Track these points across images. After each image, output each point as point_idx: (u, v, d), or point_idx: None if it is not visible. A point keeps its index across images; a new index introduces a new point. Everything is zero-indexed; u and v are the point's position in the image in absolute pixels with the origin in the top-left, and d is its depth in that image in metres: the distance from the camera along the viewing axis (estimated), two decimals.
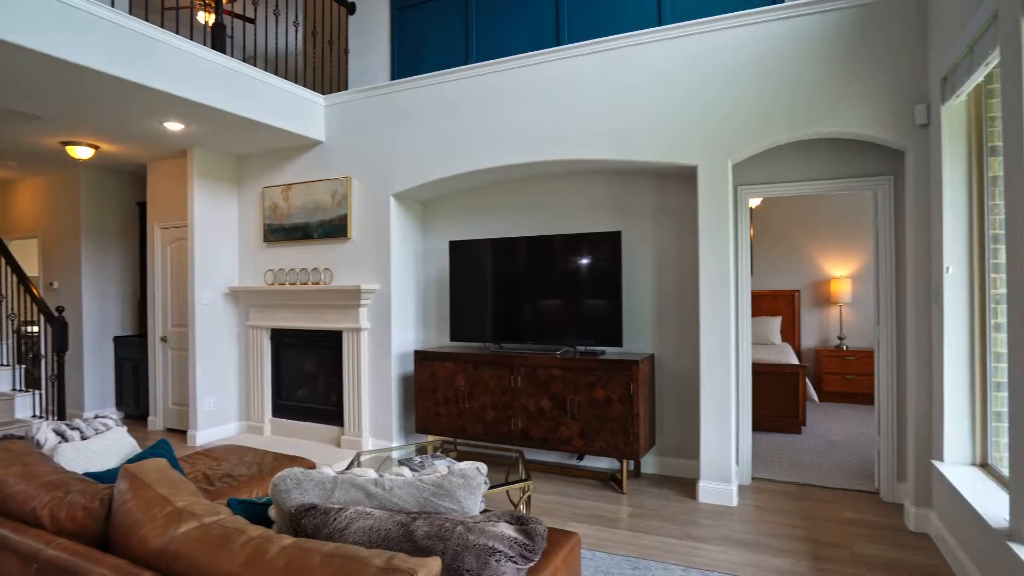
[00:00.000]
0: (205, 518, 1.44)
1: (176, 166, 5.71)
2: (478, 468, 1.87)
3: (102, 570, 1.32)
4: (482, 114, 4.43)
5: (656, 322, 4.34)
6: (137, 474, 1.58)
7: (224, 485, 2.84)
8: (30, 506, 1.61)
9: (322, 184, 5.09)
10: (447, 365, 4.52)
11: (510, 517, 1.67)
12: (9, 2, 3.05)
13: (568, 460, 4.58)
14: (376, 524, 1.54)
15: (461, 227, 5.07)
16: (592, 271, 4.23)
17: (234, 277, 5.64)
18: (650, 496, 3.89)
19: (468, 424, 4.46)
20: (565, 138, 4.14)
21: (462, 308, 4.73)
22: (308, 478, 1.69)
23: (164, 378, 5.81)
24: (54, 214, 6.46)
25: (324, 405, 5.27)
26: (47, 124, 4.64)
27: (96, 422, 2.50)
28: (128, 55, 3.60)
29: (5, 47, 3.09)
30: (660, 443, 4.34)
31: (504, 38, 5.08)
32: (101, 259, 6.36)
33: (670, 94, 3.85)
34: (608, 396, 3.97)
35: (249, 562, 1.29)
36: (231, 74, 4.27)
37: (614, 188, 4.49)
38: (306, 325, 5.19)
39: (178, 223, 5.68)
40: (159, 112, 4.25)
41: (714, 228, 3.74)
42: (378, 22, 5.65)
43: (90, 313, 6.24)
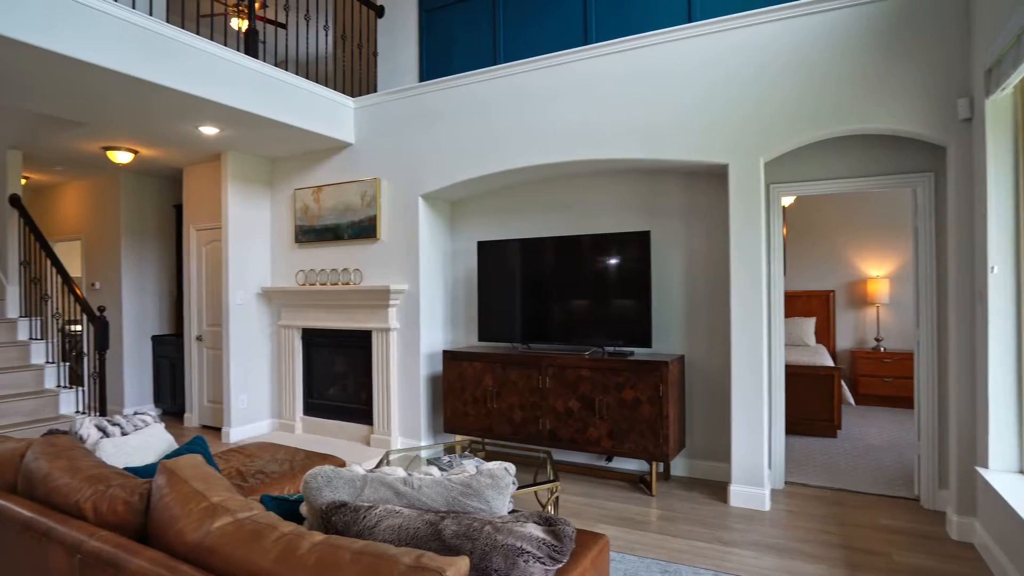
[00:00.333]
0: (239, 514, 1.47)
1: (211, 169, 5.85)
2: (506, 468, 1.87)
3: (141, 562, 1.35)
4: (510, 114, 4.43)
5: (686, 323, 4.29)
6: (174, 470, 1.62)
7: (257, 481, 2.90)
8: (74, 499, 1.66)
9: (352, 185, 5.15)
10: (475, 365, 4.54)
11: (538, 518, 1.67)
12: (54, 13, 3.16)
13: (596, 461, 4.56)
14: (405, 523, 1.55)
15: (489, 227, 5.09)
16: (621, 271, 4.19)
17: (266, 277, 5.75)
18: (680, 499, 3.84)
19: (496, 424, 4.46)
20: (594, 137, 4.12)
21: (490, 308, 4.74)
22: (338, 476, 1.71)
23: (199, 376, 5.95)
24: (96, 217, 6.67)
25: (354, 404, 5.34)
26: (89, 130, 4.79)
27: (135, 418, 2.57)
28: (166, 62, 3.70)
29: (51, 56, 3.21)
30: (690, 445, 4.28)
31: (532, 38, 5.08)
32: (140, 260, 6.54)
33: (700, 91, 3.80)
34: (637, 397, 3.93)
35: (281, 558, 1.31)
36: (263, 79, 4.36)
37: (643, 188, 4.45)
38: (336, 325, 5.26)
39: (213, 225, 5.81)
40: (195, 117, 4.35)
41: (745, 227, 3.68)
42: (406, 24, 5.69)
43: (129, 312, 6.43)
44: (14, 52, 3.15)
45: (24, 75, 3.48)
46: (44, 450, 1.92)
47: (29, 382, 5.02)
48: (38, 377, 5.08)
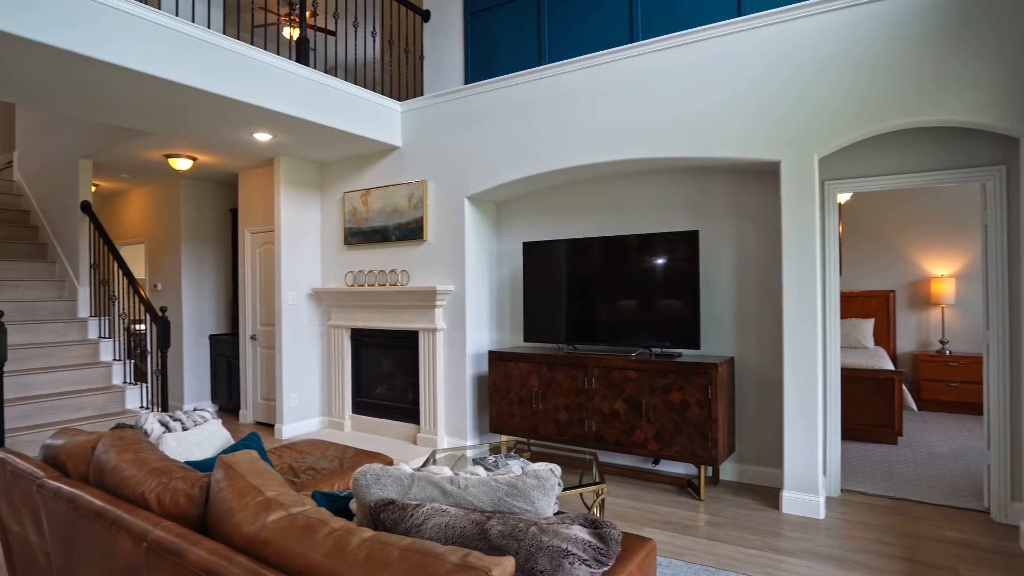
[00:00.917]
0: (292, 508, 1.51)
1: (264, 174, 6.05)
2: (552, 469, 1.87)
3: (201, 552, 1.41)
4: (555, 114, 4.42)
5: (736, 324, 4.19)
6: (231, 464, 1.68)
7: (308, 477, 2.98)
8: (140, 490, 1.74)
9: (399, 188, 5.24)
10: (521, 366, 4.55)
11: (584, 520, 1.66)
12: (121, 29, 3.33)
13: (643, 464, 4.50)
14: (452, 521, 1.56)
15: (535, 228, 5.09)
16: (668, 271, 4.13)
17: (317, 278, 5.90)
18: (729, 504, 3.75)
19: (541, 425, 4.46)
20: (640, 136, 4.07)
21: (536, 309, 4.74)
22: (387, 474, 1.74)
23: (254, 374, 6.16)
24: (158, 221, 6.99)
25: (401, 403, 5.42)
26: (153, 139, 5.03)
27: (195, 414, 2.68)
28: (223, 72, 3.85)
29: (118, 71, 3.38)
30: (740, 449, 4.18)
31: (577, 37, 5.05)
32: (199, 262, 6.82)
33: (750, 87, 3.70)
34: (685, 400, 3.86)
35: (332, 552, 1.34)
36: (314, 85, 4.48)
37: (690, 186, 4.37)
38: (384, 325, 5.36)
39: (266, 228, 6.01)
40: (250, 124, 4.51)
41: (799, 226, 3.56)
42: (451, 27, 5.75)
43: (189, 312, 6.71)
44: (86, 68, 3.33)
45: (94, 89, 3.68)
46: (113, 443, 2.02)
47: (98, 378, 5.30)
48: (106, 374, 5.35)
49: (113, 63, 3.31)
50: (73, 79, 3.52)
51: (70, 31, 3.14)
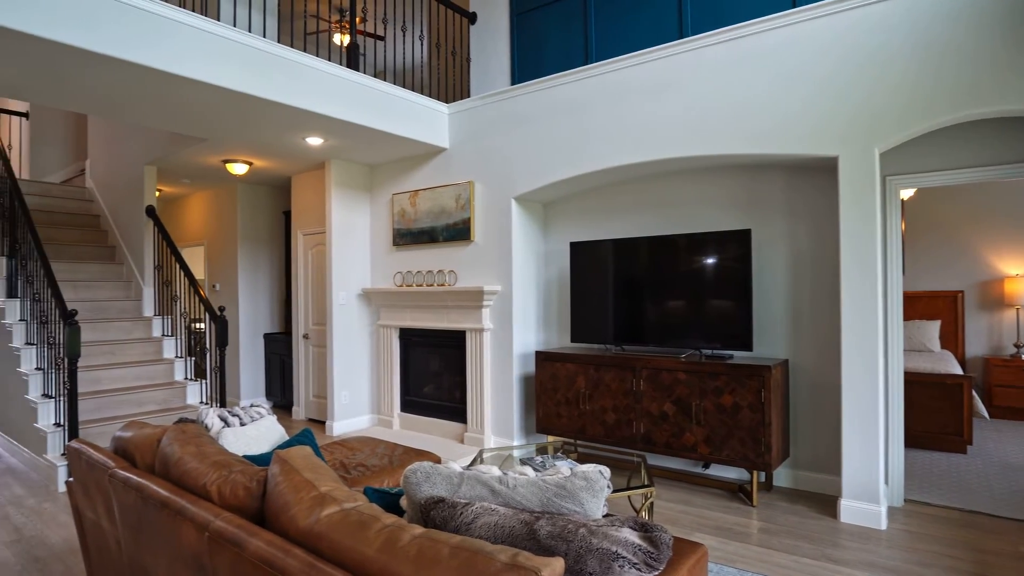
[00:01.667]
0: (345, 504, 1.54)
1: (316, 177, 6.21)
2: (601, 471, 1.85)
3: (260, 543, 1.45)
4: (603, 114, 4.39)
5: (790, 325, 4.06)
6: (287, 459, 1.73)
7: (358, 474, 3.04)
8: (202, 481, 1.81)
9: (447, 189, 5.30)
10: (568, 366, 4.52)
11: (634, 523, 1.64)
12: (187, 44, 3.48)
13: (692, 468, 4.41)
14: (501, 521, 1.56)
15: (582, 228, 5.06)
16: (718, 271, 4.03)
17: (367, 279, 6.02)
18: (783, 511, 3.64)
19: (588, 426, 4.43)
20: (690, 134, 3.99)
21: (583, 309, 4.70)
22: (436, 472, 1.75)
23: (306, 372, 6.33)
24: (216, 224, 7.27)
25: (448, 402, 5.48)
26: (211, 145, 5.23)
27: (252, 410, 2.77)
28: (279, 79, 3.97)
29: (183, 82, 3.53)
30: (795, 455, 4.04)
31: (625, 35, 4.99)
32: (254, 263, 7.06)
33: (806, 80, 3.58)
34: (736, 403, 3.76)
35: (384, 548, 1.36)
36: (365, 90, 4.57)
37: (742, 184, 4.26)
38: (432, 325, 5.42)
39: (318, 229, 6.17)
40: (303, 128, 4.64)
41: (858, 223, 3.42)
42: (498, 29, 5.77)
43: (245, 312, 6.95)
44: (154, 80, 3.49)
45: (160, 99, 3.85)
46: (176, 436, 2.11)
47: (161, 374, 5.55)
48: (169, 370, 5.60)
49: (178, 74, 3.46)
50: (140, 91, 3.70)
51: (140, 47, 3.29)
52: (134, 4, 3.28)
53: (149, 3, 3.34)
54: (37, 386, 4.75)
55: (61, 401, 4.51)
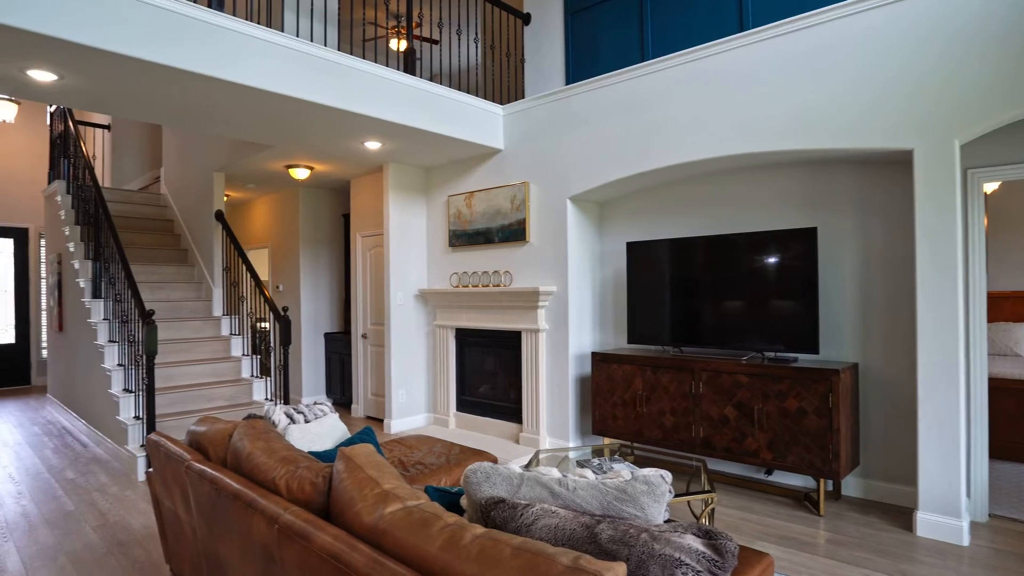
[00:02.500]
0: (408, 501, 1.57)
1: (374, 180, 6.36)
2: (662, 476, 1.81)
3: (326, 537, 1.49)
4: (660, 111, 4.31)
5: (860, 328, 3.87)
6: (351, 457, 1.77)
7: (417, 472, 3.08)
8: (271, 476, 1.88)
9: (502, 190, 5.32)
10: (624, 368, 4.46)
11: (697, 530, 1.60)
12: (253, 54, 3.62)
13: (754, 474, 4.27)
14: (561, 523, 1.55)
15: (638, 228, 4.98)
16: (782, 271, 3.89)
17: (423, 280, 6.12)
18: (853, 522, 3.48)
19: (645, 428, 4.35)
20: (752, 130, 3.87)
21: (640, 310, 4.63)
22: (496, 473, 1.76)
23: (365, 371, 6.49)
24: (280, 227, 7.55)
25: (503, 402, 5.50)
26: (275, 151, 5.43)
27: (315, 408, 2.86)
28: (339, 86, 4.08)
29: (249, 92, 3.68)
30: (865, 463, 3.86)
31: (681, 31, 4.89)
32: (315, 264, 7.29)
33: (878, 71, 3.41)
34: (802, 407, 3.62)
35: (446, 546, 1.38)
36: (421, 94, 4.64)
37: (806, 180, 4.09)
38: (487, 325, 5.45)
39: (375, 231, 6.31)
40: (362, 133, 4.75)
41: (935, 220, 3.23)
42: (552, 29, 5.76)
43: (307, 312, 7.18)
44: (222, 90, 3.65)
45: (226, 108, 4.02)
46: (247, 432, 2.19)
47: (229, 371, 5.79)
48: (236, 367, 5.84)
49: (245, 84, 3.61)
50: (211, 101, 3.88)
51: (211, 60, 3.45)
52: (207, 19, 3.44)
53: (219, 18, 3.50)
54: (119, 381, 5.05)
55: (140, 396, 4.77)
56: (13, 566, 3.02)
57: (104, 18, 3.08)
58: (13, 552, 3.19)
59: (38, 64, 3.27)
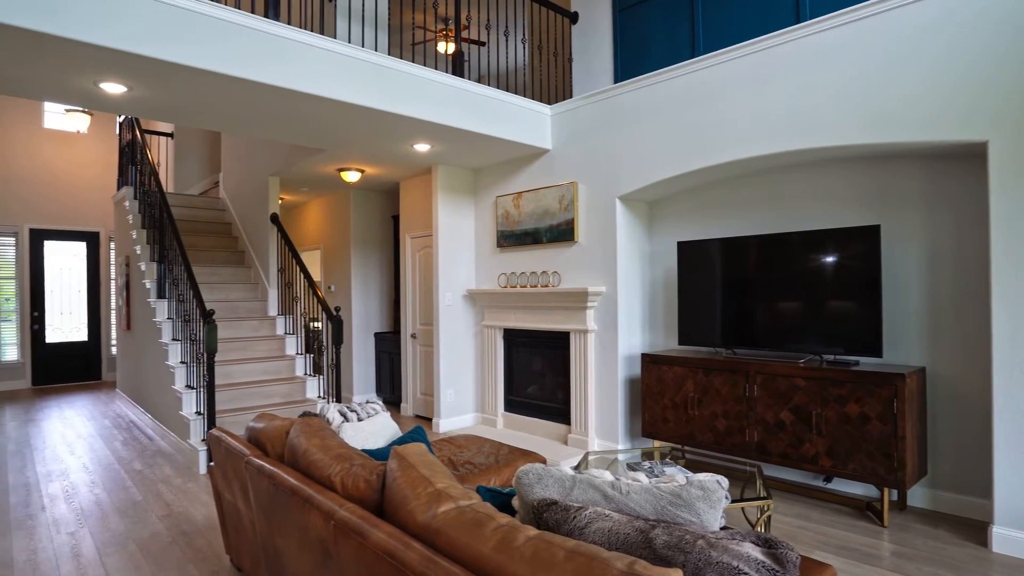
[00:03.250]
0: (460, 501, 1.57)
1: (422, 182, 6.44)
2: (719, 481, 1.76)
3: (381, 534, 1.51)
4: (712, 107, 4.21)
5: (927, 330, 3.69)
6: (404, 455, 1.79)
7: (466, 471, 3.10)
8: (326, 473, 1.92)
9: (550, 191, 5.30)
10: (675, 369, 4.38)
11: (756, 538, 1.55)
12: (306, 61, 3.72)
13: (812, 481, 4.12)
14: (615, 527, 1.53)
15: (689, 227, 4.88)
16: (842, 271, 3.74)
17: (471, 280, 6.16)
18: (920, 535, 3.31)
19: (697, 432, 4.26)
20: (809, 125, 3.73)
21: (691, 311, 4.54)
22: (548, 474, 1.75)
23: (414, 370, 6.58)
24: (331, 229, 7.73)
25: (551, 403, 5.48)
26: (328, 155, 5.56)
27: (368, 407, 2.91)
28: (390, 91, 4.15)
29: (302, 97, 3.77)
30: (933, 473, 3.67)
31: (734, 25, 4.77)
32: (365, 265, 7.44)
33: (945, 60, 3.24)
34: (864, 413, 3.47)
35: (499, 547, 1.37)
36: (469, 96, 4.67)
37: (867, 175, 3.92)
38: (535, 326, 5.45)
39: (424, 233, 6.39)
40: (411, 136, 4.82)
41: (1012, 215, 3.04)
42: (600, 27, 5.71)
43: (357, 312, 7.33)
44: (278, 97, 3.77)
45: (282, 114, 4.15)
46: (303, 429, 2.25)
47: (283, 370, 5.97)
48: (290, 366, 6.01)
49: (300, 91, 3.71)
50: (267, 108, 4.00)
51: (267, 67, 3.57)
52: (267, 30, 3.55)
53: (278, 28, 3.61)
54: (181, 378, 5.27)
55: (201, 392, 4.97)
56: (88, 551, 3.19)
57: (173, 33, 3.21)
58: (88, 538, 3.37)
59: (110, 77, 3.45)
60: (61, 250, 9.24)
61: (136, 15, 3.11)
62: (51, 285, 9.14)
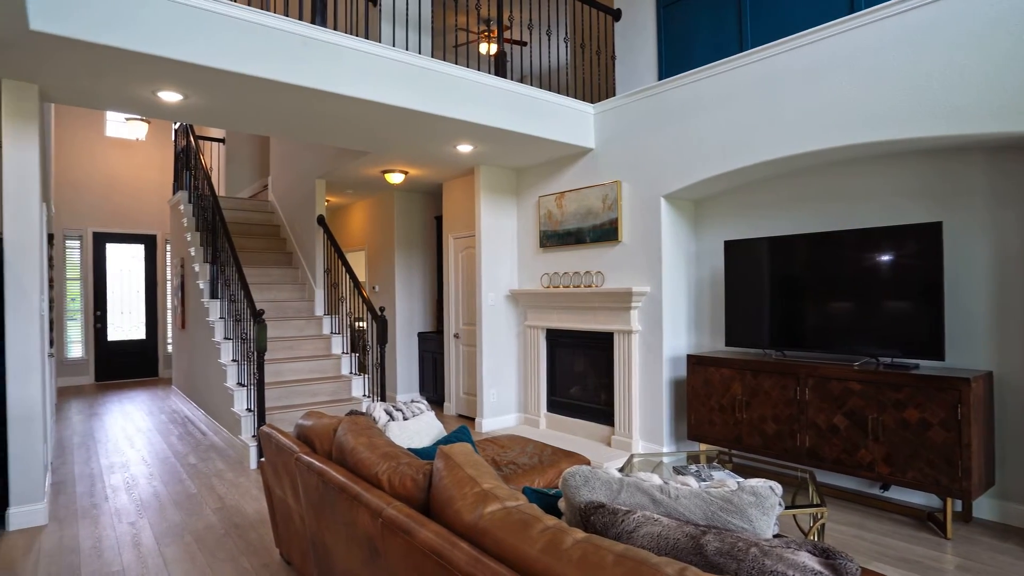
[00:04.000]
0: (507, 502, 1.57)
1: (465, 183, 6.48)
2: (772, 487, 1.71)
3: (428, 533, 1.52)
4: (761, 103, 4.09)
5: (994, 333, 3.50)
6: (450, 455, 1.79)
7: (509, 471, 3.10)
8: (373, 471, 1.95)
9: (593, 190, 5.26)
10: (722, 371, 4.28)
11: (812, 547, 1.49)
12: (353, 66, 3.79)
13: (867, 488, 3.96)
14: (664, 532, 1.50)
15: (737, 225, 4.76)
16: (900, 270, 3.59)
17: (514, 280, 6.16)
18: (987, 548, 3.14)
19: (745, 435, 4.15)
20: (865, 118, 3.59)
21: (738, 312, 4.43)
22: (595, 477, 1.72)
23: (456, 370, 6.62)
24: (376, 230, 7.86)
25: (594, 404, 5.43)
26: (372, 158, 5.65)
27: (413, 406, 2.94)
28: (433, 92, 4.19)
29: (348, 101, 3.84)
30: (1002, 483, 3.48)
31: (784, 18, 4.63)
32: (409, 266, 7.53)
33: (1016, 42, 3.06)
34: (924, 418, 3.32)
35: (547, 549, 1.36)
36: (512, 96, 4.67)
37: (926, 169, 3.75)
38: (578, 326, 5.41)
39: (467, 233, 6.42)
40: (454, 137, 4.85)
41: None
42: (643, 24, 5.63)
43: (401, 311, 7.43)
44: (324, 101, 3.84)
45: (329, 118, 4.23)
46: (350, 427, 2.28)
47: (330, 368, 6.09)
48: (336, 365, 6.13)
49: (346, 95, 3.78)
50: (314, 111, 4.09)
51: (317, 72, 3.64)
52: (315, 36, 3.63)
53: (326, 34, 3.68)
54: (233, 375, 5.43)
55: (251, 389, 5.11)
56: (147, 540, 3.32)
57: (226, 42, 3.32)
58: (147, 528, 3.51)
59: (167, 86, 3.58)
60: (121, 252, 9.67)
61: (193, 27, 3.22)
62: (112, 286, 9.57)
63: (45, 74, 3.40)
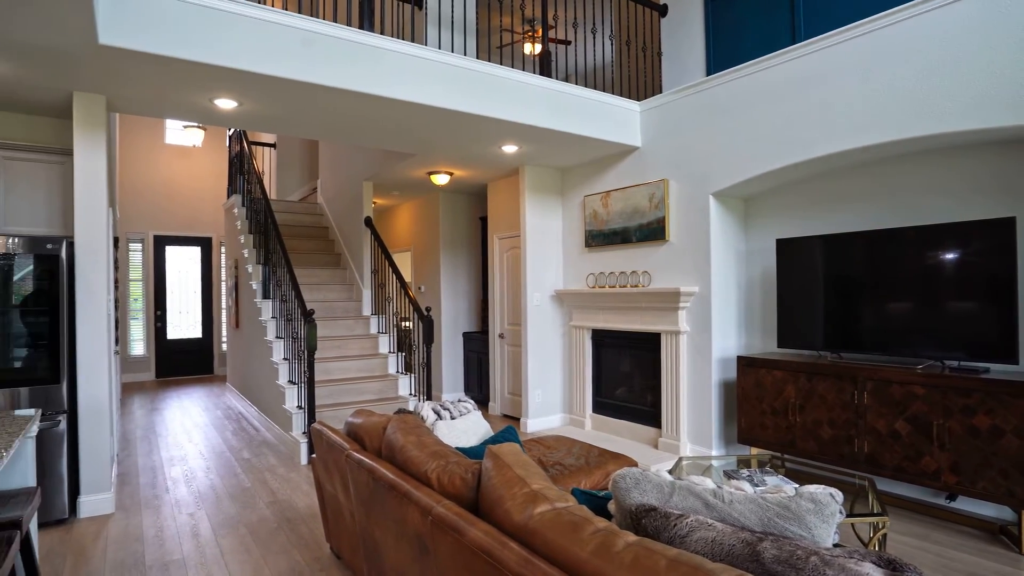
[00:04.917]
0: (557, 503, 1.56)
1: (510, 183, 6.49)
2: (832, 494, 1.64)
3: (478, 532, 1.52)
4: (815, 96, 3.95)
5: None
6: (499, 455, 1.79)
7: (556, 472, 3.08)
8: (423, 469, 1.96)
9: (640, 189, 5.19)
10: (775, 373, 4.16)
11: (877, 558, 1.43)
12: (400, 70, 3.84)
13: (931, 498, 3.78)
14: (719, 537, 1.46)
15: (789, 223, 4.62)
16: (967, 268, 3.40)
17: (559, 280, 6.13)
18: None
19: (799, 439, 4.02)
20: (929, 108, 3.42)
21: (791, 312, 4.29)
22: (646, 479, 1.70)
23: (502, 370, 6.63)
24: (421, 231, 7.95)
25: (640, 405, 5.36)
26: (418, 159, 5.72)
27: (460, 405, 2.95)
28: (478, 94, 4.21)
29: (395, 104, 3.90)
30: None
31: (838, 9, 4.46)
32: (454, 266, 7.59)
33: None
34: (996, 426, 3.14)
35: (598, 552, 1.34)
36: (557, 95, 4.65)
37: (995, 162, 3.54)
38: (625, 327, 5.34)
39: (512, 233, 6.43)
40: (499, 138, 4.86)
41: None
42: (691, 19, 5.52)
43: (446, 311, 7.49)
44: (372, 105, 3.91)
45: (377, 121, 4.30)
46: (399, 426, 2.31)
47: (377, 367, 6.19)
48: (383, 364, 6.23)
49: (393, 98, 3.84)
50: (362, 115, 4.16)
51: (367, 77, 3.71)
52: (365, 42, 3.70)
53: (375, 39, 3.74)
54: (284, 373, 5.59)
55: (302, 387, 5.24)
56: (205, 531, 3.44)
57: (278, 50, 3.42)
58: (205, 519, 3.64)
59: (223, 94, 3.71)
60: (179, 254, 10.08)
61: (246, 36, 3.32)
62: (171, 286, 9.99)
63: (112, 85, 3.56)
